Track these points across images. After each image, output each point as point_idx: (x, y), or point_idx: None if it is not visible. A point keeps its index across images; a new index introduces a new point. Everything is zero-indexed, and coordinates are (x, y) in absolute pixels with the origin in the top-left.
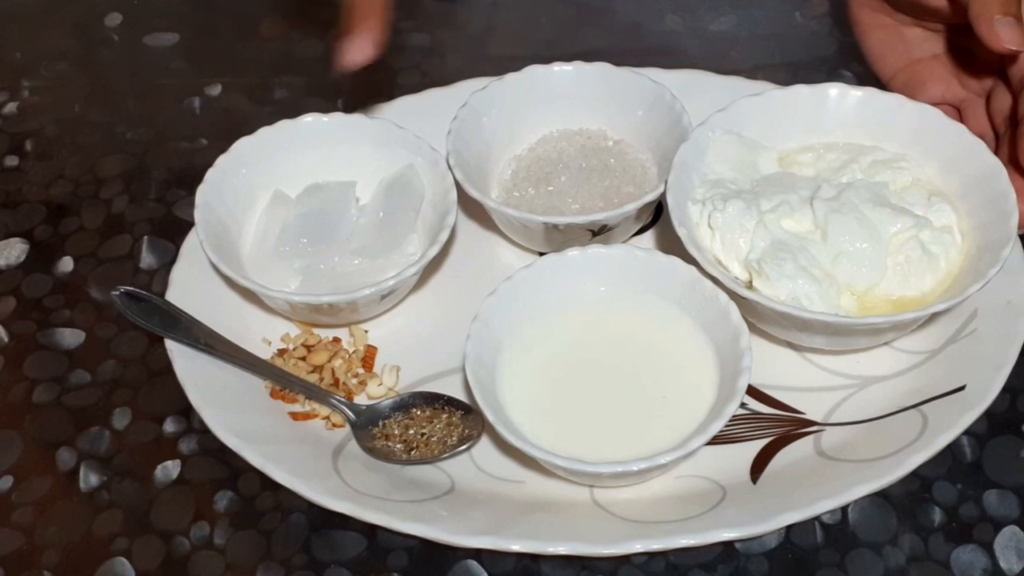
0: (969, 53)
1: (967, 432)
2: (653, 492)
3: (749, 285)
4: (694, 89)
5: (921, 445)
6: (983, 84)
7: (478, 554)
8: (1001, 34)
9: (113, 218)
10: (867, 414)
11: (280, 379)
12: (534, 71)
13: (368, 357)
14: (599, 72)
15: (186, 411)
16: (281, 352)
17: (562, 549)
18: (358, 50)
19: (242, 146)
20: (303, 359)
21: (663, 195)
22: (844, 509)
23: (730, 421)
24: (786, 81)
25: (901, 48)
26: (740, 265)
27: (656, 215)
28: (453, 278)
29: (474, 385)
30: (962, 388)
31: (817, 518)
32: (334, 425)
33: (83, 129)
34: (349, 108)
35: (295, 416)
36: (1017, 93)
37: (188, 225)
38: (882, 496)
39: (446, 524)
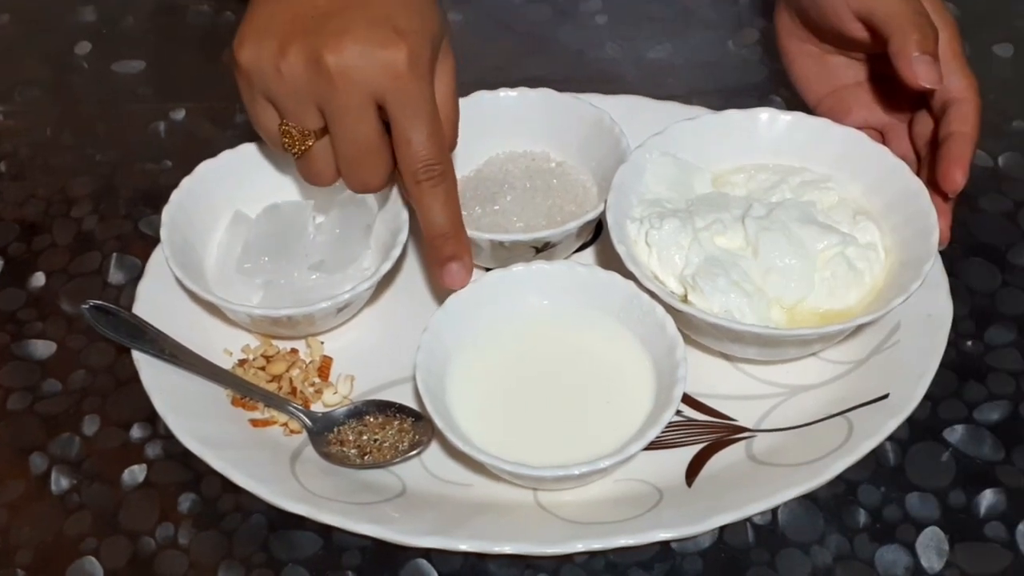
0: (892, 80)
1: (890, 438)
2: (594, 495)
3: (684, 299)
4: (632, 113)
5: (847, 450)
6: (905, 110)
7: (428, 553)
8: (918, 72)
9: (83, 236)
10: (796, 421)
11: (241, 388)
12: (481, 96)
13: (324, 367)
14: (542, 97)
15: (152, 418)
16: (242, 362)
17: (507, 549)
18: (458, 279)
19: (205, 168)
20: (262, 369)
21: (603, 214)
22: (774, 511)
23: (666, 428)
24: (719, 106)
25: (826, 75)
26: (676, 280)
27: (596, 233)
28: (405, 292)
29: (424, 393)
30: (886, 396)
31: (749, 519)
32: (292, 431)
33: (54, 151)
34: None
35: (255, 423)
36: (938, 118)
37: (154, 242)
38: (810, 498)
39: (398, 525)
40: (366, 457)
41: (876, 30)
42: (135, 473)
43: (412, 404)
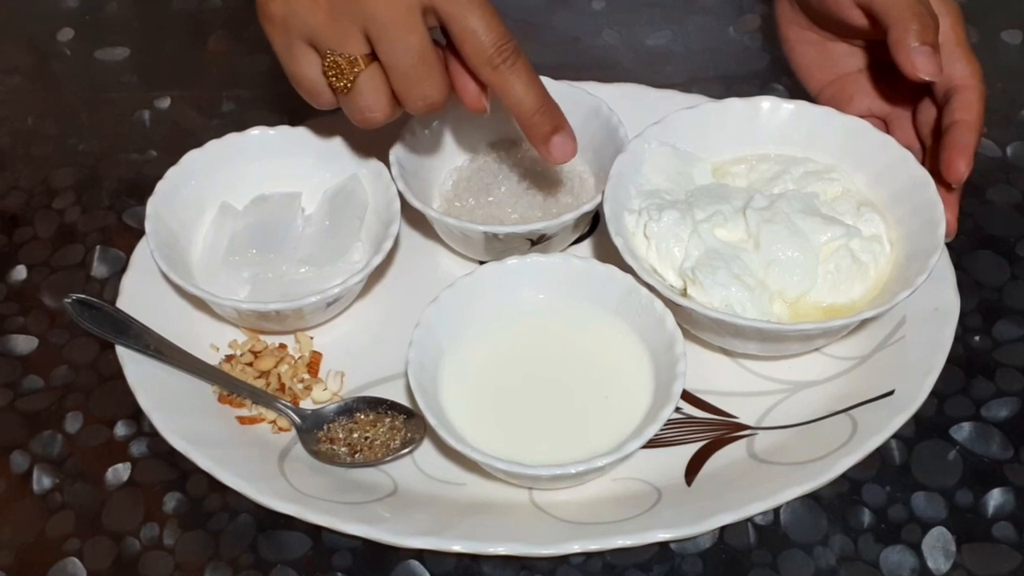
0: (895, 67)
1: (896, 436)
2: (590, 494)
3: (684, 293)
4: (630, 102)
5: (851, 448)
6: (909, 98)
7: (420, 554)
8: (917, 63)
9: (66, 228)
10: (798, 418)
11: (228, 384)
12: None
13: (313, 363)
14: None
15: (136, 415)
16: (229, 358)
17: (502, 549)
18: (568, 150)
19: (191, 158)
20: (250, 365)
21: (600, 205)
22: (776, 511)
23: (665, 425)
24: (720, 94)
25: (828, 63)
26: (675, 273)
27: (593, 225)
28: (396, 286)
29: (416, 390)
30: (891, 393)
31: (750, 519)
32: (280, 429)
33: (36, 141)
34: (295, 121)
35: (242, 420)
36: (941, 106)
37: (139, 234)
38: (813, 498)
39: (389, 525)
40: (357, 455)
41: (875, 19)
42: (119, 472)
43: (404, 401)
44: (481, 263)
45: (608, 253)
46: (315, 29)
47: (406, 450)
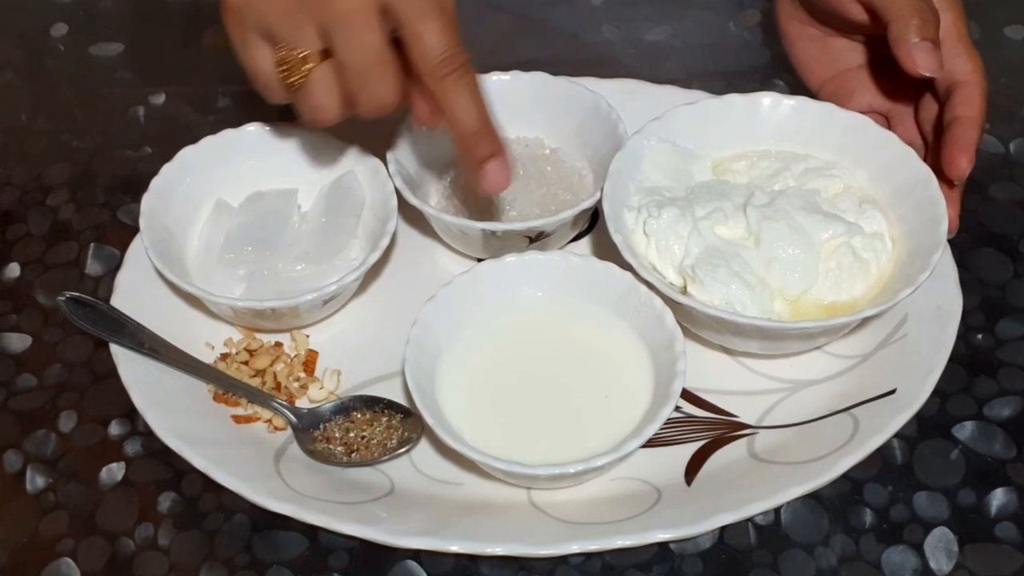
0: (895, 63)
1: (897, 435)
2: (589, 494)
3: (684, 291)
4: (630, 98)
5: (852, 448)
6: (911, 93)
7: (417, 555)
8: (918, 59)
9: (59, 225)
10: (799, 417)
11: (223, 383)
12: None
13: (309, 361)
14: (536, 81)
15: (130, 414)
16: (224, 356)
17: (500, 550)
18: (500, 179)
19: (186, 155)
20: (245, 363)
21: (599, 202)
22: (777, 510)
23: (665, 424)
24: (720, 90)
25: (828, 58)
26: (675, 271)
27: (592, 222)
28: (393, 284)
29: (413, 389)
30: (893, 392)
31: (750, 519)
32: (276, 428)
33: (29, 137)
34: (291, 117)
35: (237, 419)
36: (943, 102)
37: (133, 232)
38: (814, 498)
39: (386, 525)
40: (353, 455)
41: (876, 14)
42: (113, 471)
43: (401, 400)
44: (479, 261)
45: (607, 251)
46: (270, 22)
47: (403, 449)
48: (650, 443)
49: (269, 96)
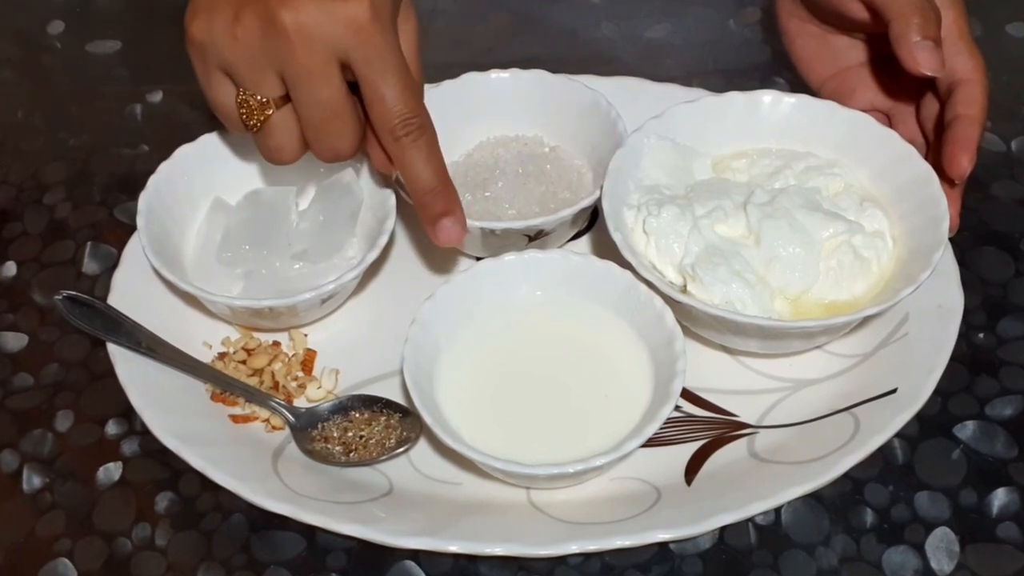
0: (896, 61)
1: (899, 434)
2: (589, 494)
3: (684, 290)
4: (629, 96)
5: (853, 447)
6: (912, 91)
7: (416, 555)
8: (919, 58)
9: (56, 223)
10: (800, 417)
11: (220, 382)
12: (471, 78)
13: (307, 360)
14: (535, 79)
15: (128, 414)
16: (221, 356)
17: (499, 550)
18: (453, 235)
19: (183, 153)
20: (243, 362)
21: (598, 200)
22: (777, 510)
23: (665, 424)
24: (720, 88)
25: (829, 56)
26: (675, 270)
27: (592, 220)
28: (392, 282)
29: (412, 388)
30: (894, 391)
31: (751, 519)
32: (274, 428)
33: (26, 135)
34: None
35: (235, 419)
36: (944, 101)
37: (130, 230)
38: (815, 498)
39: (384, 525)
40: (351, 454)
41: (876, 12)
42: (110, 471)
43: (399, 399)
44: (478, 259)
45: (607, 249)
46: (232, 63)
47: (401, 449)
48: (650, 443)
49: (230, 128)
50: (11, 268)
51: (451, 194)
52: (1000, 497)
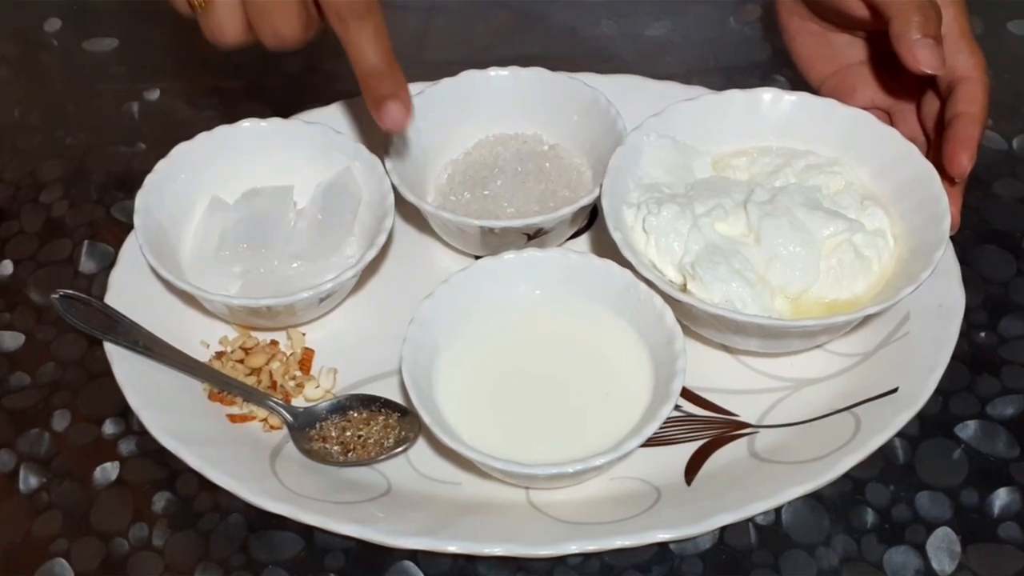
0: (897, 59)
1: (899, 434)
2: (588, 494)
3: (683, 288)
4: (629, 94)
5: (854, 447)
6: (913, 89)
7: (414, 555)
8: (919, 56)
9: (53, 222)
10: (800, 416)
11: (218, 381)
12: (470, 76)
13: (305, 360)
14: (535, 77)
15: (125, 413)
16: (219, 355)
17: (498, 550)
18: (398, 119)
19: (181, 151)
20: (241, 362)
21: (598, 199)
22: (778, 510)
23: (665, 423)
24: (720, 86)
25: (830, 54)
26: (674, 268)
27: (591, 219)
28: (390, 281)
29: (410, 387)
30: (895, 390)
31: (751, 519)
32: (272, 427)
33: (23, 133)
34: (287, 113)
35: (233, 418)
36: (944, 99)
37: (127, 229)
38: (815, 497)
39: (383, 525)
40: (350, 454)
41: (877, 10)
42: (107, 471)
43: (398, 399)
44: (477, 258)
45: (606, 248)
46: None
47: (400, 449)
48: (650, 442)
49: (177, 9)
50: (8, 267)
51: (397, 77)
52: (1001, 497)
